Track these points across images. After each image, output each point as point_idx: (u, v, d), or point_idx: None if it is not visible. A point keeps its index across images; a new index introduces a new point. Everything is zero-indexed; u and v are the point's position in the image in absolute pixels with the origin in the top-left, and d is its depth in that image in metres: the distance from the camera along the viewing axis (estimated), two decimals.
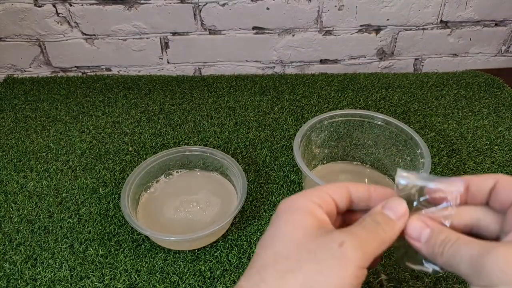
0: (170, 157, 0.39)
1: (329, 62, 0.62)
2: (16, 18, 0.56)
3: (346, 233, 0.16)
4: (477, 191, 0.17)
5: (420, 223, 0.16)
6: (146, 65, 0.62)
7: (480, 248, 0.14)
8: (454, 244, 0.15)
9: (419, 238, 0.16)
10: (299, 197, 0.17)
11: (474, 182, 0.17)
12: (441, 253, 0.15)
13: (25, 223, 0.37)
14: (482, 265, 0.14)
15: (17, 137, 0.48)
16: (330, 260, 0.15)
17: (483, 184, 0.17)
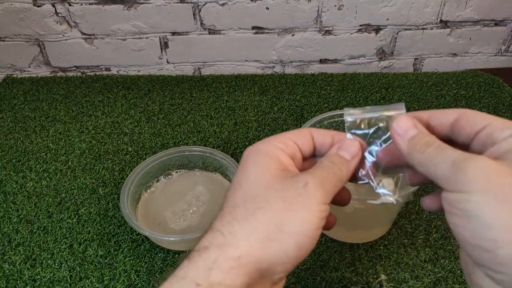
0: (170, 157, 0.39)
1: (328, 62, 0.62)
2: (16, 18, 0.56)
3: (309, 175, 0.17)
4: (439, 125, 0.17)
5: (410, 123, 0.17)
6: (146, 65, 0.62)
7: (463, 154, 0.15)
8: (438, 147, 0.16)
9: (404, 135, 0.17)
10: (263, 143, 0.18)
11: (436, 115, 0.17)
12: (422, 152, 0.16)
13: (24, 223, 0.37)
14: (463, 169, 0.14)
15: (16, 137, 0.48)
16: (297, 198, 0.16)
17: (445, 118, 0.17)
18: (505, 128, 0.15)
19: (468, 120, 0.16)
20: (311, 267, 0.33)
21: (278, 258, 0.15)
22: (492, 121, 0.16)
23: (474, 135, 0.16)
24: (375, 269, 0.33)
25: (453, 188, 0.14)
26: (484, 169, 0.14)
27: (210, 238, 0.16)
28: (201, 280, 0.14)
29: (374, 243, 0.35)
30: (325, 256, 0.34)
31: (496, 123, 0.16)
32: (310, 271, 0.32)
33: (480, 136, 0.16)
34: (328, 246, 0.35)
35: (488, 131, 0.16)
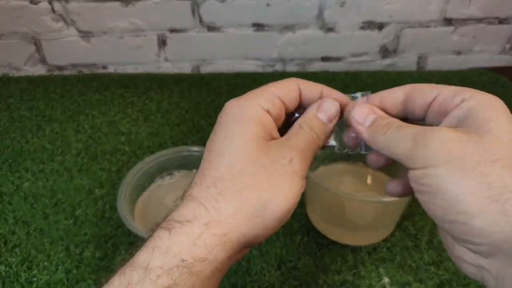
0: (168, 157, 0.39)
1: (331, 60, 0.61)
2: (12, 15, 0.55)
3: (294, 150, 0.16)
4: (392, 105, 0.17)
5: (367, 109, 0.17)
6: (143, 63, 0.61)
7: (423, 128, 0.15)
8: (398, 126, 0.16)
9: (363, 122, 0.17)
10: (249, 101, 0.17)
11: (386, 96, 0.17)
12: (383, 133, 0.16)
13: (20, 224, 0.36)
14: (424, 144, 0.14)
15: (12, 137, 0.47)
16: (283, 176, 0.16)
17: (395, 96, 0.17)
18: (456, 94, 0.15)
19: (418, 94, 0.16)
20: (313, 270, 0.32)
21: (261, 232, 0.16)
22: (441, 90, 0.16)
23: (427, 107, 0.16)
24: (378, 272, 0.32)
25: (417, 164, 0.14)
26: (443, 140, 0.13)
27: (193, 211, 0.15)
28: (185, 255, 0.14)
29: (377, 246, 0.34)
30: (327, 259, 0.33)
31: (446, 91, 0.16)
32: (312, 274, 0.32)
33: (433, 107, 0.16)
34: (330, 249, 0.34)
35: (440, 101, 0.16)
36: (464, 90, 0.15)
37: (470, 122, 0.14)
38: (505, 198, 0.12)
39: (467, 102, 0.15)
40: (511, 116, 0.14)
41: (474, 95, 0.15)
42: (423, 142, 0.14)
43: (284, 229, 0.36)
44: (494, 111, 0.14)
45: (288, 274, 0.32)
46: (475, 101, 0.14)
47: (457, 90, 0.15)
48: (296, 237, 0.35)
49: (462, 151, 0.13)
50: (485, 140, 0.13)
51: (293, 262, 0.33)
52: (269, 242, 0.34)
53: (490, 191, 0.12)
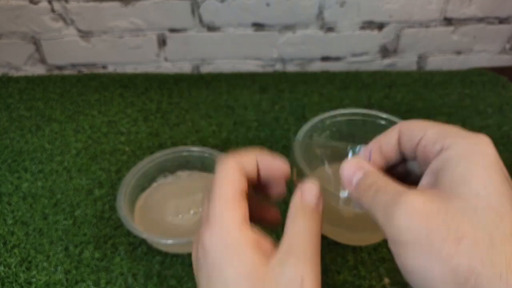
0: (168, 157, 0.39)
1: (331, 60, 0.61)
2: (11, 15, 0.55)
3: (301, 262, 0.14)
4: (389, 150, 0.16)
5: (354, 166, 0.16)
6: (143, 62, 0.61)
7: (393, 195, 0.13)
8: (376, 190, 0.14)
9: (352, 181, 0.16)
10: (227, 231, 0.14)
11: (383, 141, 0.17)
12: (365, 196, 0.15)
13: (19, 225, 0.36)
14: (391, 217, 0.13)
15: (11, 136, 0.47)
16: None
17: (389, 139, 0.16)
18: (437, 140, 0.14)
19: (407, 134, 0.15)
20: None
21: None
22: (426, 131, 0.14)
23: (415, 149, 0.15)
24: (378, 272, 0.32)
25: (388, 236, 0.13)
26: (409, 214, 0.12)
27: None
28: None
29: (377, 246, 0.34)
30: (327, 259, 0.33)
31: (429, 134, 0.14)
32: None
33: (419, 151, 0.15)
34: (330, 249, 0.34)
35: (423, 145, 0.14)
36: (447, 135, 0.14)
37: (444, 180, 0.13)
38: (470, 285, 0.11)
39: (446, 152, 0.13)
40: (493, 171, 0.13)
41: (455, 142, 0.13)
42: (391, 215, 0.13)
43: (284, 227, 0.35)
44: (473, 166, 0.13)
45: None
46: (454, 150, 0.13)
47: (440, 135, 0.14)
48: None
49: (428, 226, 0.12)
50: (454, 208, 0.12)
51: None
52: None
53: (456, 276, 0.11)
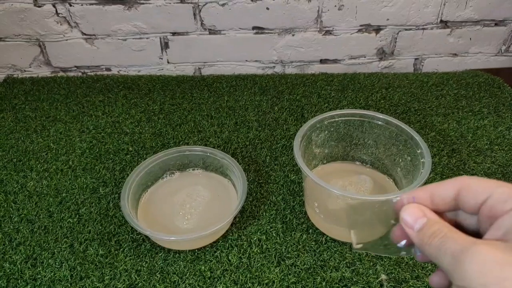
0: (170, 157, 0.39)
1: (329, 62, 0.62)
2: (16, 18, 0.56)
3: None
4: (442, 203, 0.16)
5: (418, 211, 0.16)
6: (146, 65, 0.62)
7: (463, 244, 0.14)
8: (443, 237, 0.15)
9: (413, 226, 0.16)
10: None
11: (436, 192, 0.16)
12: (429, 244, 0.15)
13: (25, 222, 0.37)
14: (461, 264, 0.13)
15: (17, 137, 0.48)
16: None
17: (445, 193, 0.16)
18: (508, 199, 0.14)
19: (469, 193, 0.15)
20: (311, 266, 0.33)
21: None
22: (494, 191, 0.15)
23: (478, 208, 0.15)
24: (376, 269, 0.33)
25: (456, 282, 0.13)
26: (480, 262, 0.13)
27: None
28: None
29: None
30: (325, 256, 0.34)
31: (498, 193, 0.14)
32: (311, 271, 0.33)
33: (484, 210, 0.15)
34: (328, 246, 0.35)
35: (490, 204, 0.14)
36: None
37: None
38: None
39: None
40: None
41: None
42: (461, 262, 0.13)
43: (284, 227, 0.36)
44: None
45: (288, 270, 0.32)
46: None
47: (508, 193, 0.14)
48: (296, 234, 0.35)
49: (499, 276, 0.12)
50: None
51: (292, 259, 0.33)
52: (269, 239, 0.35)
53: None
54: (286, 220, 0.37)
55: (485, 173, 0.42)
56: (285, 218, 0.37)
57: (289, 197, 0.39)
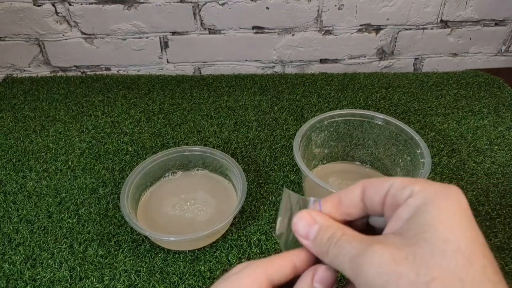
0: (170, 157, 0.39)
1: (329, 62, 0.62)
2: (15, 17, 0.56)
3: None
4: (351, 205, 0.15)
5: (309, 218, 0.15)
6: (146, 64, 0.61)
7: (359, 247, 0.13)
8: (338, 241, 0.14)
9: (308, 236, 0.15)
10: None
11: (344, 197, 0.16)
12: (327, 253, 0.14)
13: (24, 223, 0.37)
14: (361, 268, 0.13)
15: (16, 137, 0.48)
16: None
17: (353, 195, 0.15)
18: (406, 186, 0.14)
19: (373, 188, 0.15)
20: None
21: None
22: (393, 181, 0.14)
23: (383, 202, 0.14)
24: None
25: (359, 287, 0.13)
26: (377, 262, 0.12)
27: None
28: None
29: None
30: None
31: (398, 182, 0.14)
32: None
33: (387, 201, 0.14)
34: None
35: (392, 193, 0.14)
36: (415, 181, 0.14)
37: (412, 226, 0.13)
38: None
39: (414, 199, 0.13)
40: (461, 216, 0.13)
41: (424, 188, 0.13)
42: (360, 266, 0.13)
43: None
44: (441, 211, 0.12)
45: None
46: (422, 198, 0.13)
47: (408, 181, 0.14)
48: None
49: (397, 274, 0.12)
50: (422, 253, 0.12)
51: None
52: (268, 239, 0.35)
53: None
54: None
55: (485, 173, 0.42)
56: None
57: None
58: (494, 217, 0.37)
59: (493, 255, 0.12)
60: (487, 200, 0.39)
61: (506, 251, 0.34)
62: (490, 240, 0.35)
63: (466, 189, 0.40)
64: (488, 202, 0.38)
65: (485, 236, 0.35)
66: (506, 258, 0.33)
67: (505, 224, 0.36)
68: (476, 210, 0.38)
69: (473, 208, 0.38)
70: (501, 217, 0.37)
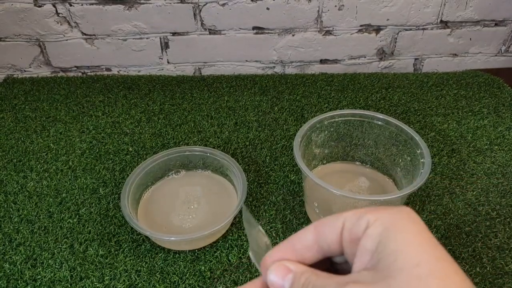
0: (170, 157, 0.39)
1: (329, 62, 0.62)
2: (16, 18, 0.56)
3: None
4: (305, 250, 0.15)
5: (282, 268, 0.15)
6: (146, 65, 0.62)
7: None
8: (314, 286, 0.14)
9: (283, 286, 0.15)
10: None
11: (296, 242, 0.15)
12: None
13: (25, 223, 0.37)
14: None
15: (17, 137, 0.48)
16: None
17: (305, 238, 0.15)
18: (360, 217, 0.13)
19: (325, 228, 0.14)
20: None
21: None
22: (345, 217, 0.14)
23: (340, 240, 0.14)
24: None
25: None
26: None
27: None
28: None
29: None
30: None
31: (350, 215, 0.14)
32: None
33: (345, 238, 0.14)
34: None
35: (348, 228, 0.14)
36: (367, 211, 0.14)
37: (380, 257, 0.12)
38: None
39: (373, 229, 0.13)
40: (423, 236, 0.13)
41: (380, 215, 0.13)
42: None
43: (284, 227, 0.36)
44: (405, 234, 0.12)
45: None
46: (381, 225, 0.13)
47: (361, 213, 0.14)
48: None
49: None
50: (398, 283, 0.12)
51: None
52: None
53: None
54: (286, 220, 0.37)
55: (485, 173, 0.42)
56: (285, 218, 0.37)
57: (289, 197, 0.39)
58: (494, 217, 0.37)
59: (461, 269, 0.12)
60: (487, 200, 0.39)
61: (506, 251, 0.34)
62: (490, 240, 0.35)
63: (466, 189, 0.40)
64: (488, 202, 0.38)
65: (485, 236, 0.35)
66: (506, 258, 0.33)
67: (505, 224, 0.36)
68: (476, 210, 0.38)
69: (473, 208, 0.38)
70: (501, 217, 0.37)
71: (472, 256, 0.33)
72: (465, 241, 0.35)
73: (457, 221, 0.36)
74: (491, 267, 0.32)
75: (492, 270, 0.32)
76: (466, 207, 0.38)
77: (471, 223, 0.36)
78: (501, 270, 0.32)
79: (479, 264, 0.33)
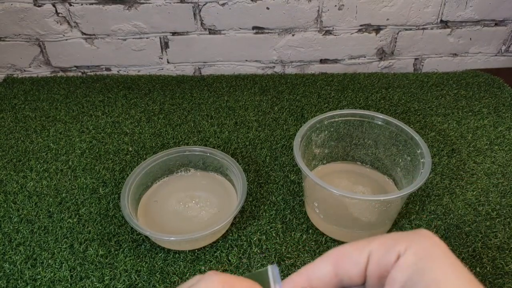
0: (170, 157, 0.39)
1: (329, 62, 0.62)
2: (16, 18, 0.56)
3: None
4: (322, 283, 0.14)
5: None
6: (146, 65, 0.62)
7: None
8: None
9: None
10: None
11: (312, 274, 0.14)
12: None
13: (24, 223, 0.37)
14: None
15: (17, 137, 0.48)
16: None
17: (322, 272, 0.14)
18: (389, 249, 0.13)
19: (347, 261, 0.14)
20: None
21: None
22: (371, 247, 0.13)
23: (364, 273, 0.13)
24: None
25: None
26: None
27: None
28: None
29: None
30: None
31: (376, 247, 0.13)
32: None
33: (371, 272, 0.13)
34: (328, 246, 0.35)
35: (375, 261, 0.13)
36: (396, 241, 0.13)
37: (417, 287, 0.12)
38: None
39: (405, 259, 0.12)
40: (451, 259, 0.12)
41: (410, 245, 0.13)
42: None
43: (284, 227, 0.36)
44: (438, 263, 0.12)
45: (287, 271, 0.32)
46: (413, 255, 0.12)
47: (388, 243, 0.13)
48: (295, 234, 0.35)
49: None
50: None
51: (292, 259, 0.33)
52: (269, 239, 0.35)
53: None
54: (286, 220, 0.37)
55: (485, 173, 0.42)
56: (285, 218, 0.37)
57: (289, 197, 0.39)
58: (494, 217, 0.37)
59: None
60: (487, 200, 0.39)
61: (506, 251, 0.34)
62: (490, 240, 0.35)
63: (466, 189, 0.40)
64: (488, 202, 0.38)
65: (485, 236, 0.35)
66: (506, 258, 0.33)
67: (505, 224, 0.36)
68: (476, 210, 0.38)
69: (473, 208, 0.38)
70: (501, 217, 0.37)
71: (472, 256, 0.33)
72: (465, 241, 0.35)
73: (457, 221, 0.36)
74: (491, 267, 0.32)
75: (492, 270, 0.32)
76: (466, 207, 0.38)
77: (471, 223, 0.36)
78: (501, 270, 0.32)
79: (479, 264, 0.33)
